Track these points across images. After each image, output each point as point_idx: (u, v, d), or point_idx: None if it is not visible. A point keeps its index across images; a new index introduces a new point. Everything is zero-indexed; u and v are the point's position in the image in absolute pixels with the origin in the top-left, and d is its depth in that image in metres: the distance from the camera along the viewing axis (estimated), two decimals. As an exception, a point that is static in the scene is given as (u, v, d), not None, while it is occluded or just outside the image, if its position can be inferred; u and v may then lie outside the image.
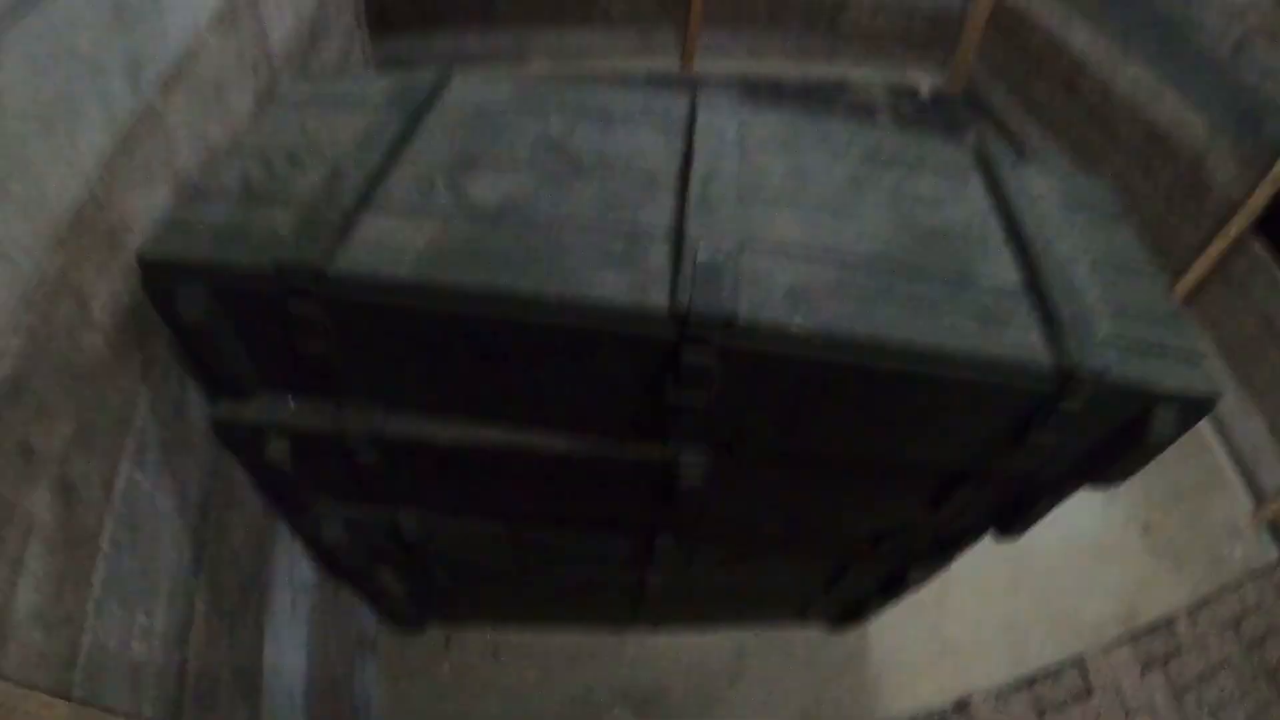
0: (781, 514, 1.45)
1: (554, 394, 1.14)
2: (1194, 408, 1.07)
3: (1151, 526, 2.71)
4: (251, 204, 1.07)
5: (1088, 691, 2.33)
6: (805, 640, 2.37)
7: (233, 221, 1.04)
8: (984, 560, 1.82)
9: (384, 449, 1.24)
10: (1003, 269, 1.15)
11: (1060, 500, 1.37)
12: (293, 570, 1.55)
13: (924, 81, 4.33)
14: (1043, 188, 1.33)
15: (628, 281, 0.97)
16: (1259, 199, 2.52)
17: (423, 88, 1.30)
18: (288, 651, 1.48)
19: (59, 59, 0.89)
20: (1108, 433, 1.12)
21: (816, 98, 4.12)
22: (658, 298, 0.95)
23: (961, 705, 2.28)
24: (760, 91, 4.06)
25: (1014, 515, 1.42)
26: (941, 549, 1.75)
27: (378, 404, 1.22)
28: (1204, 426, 2.88)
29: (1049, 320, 1.06)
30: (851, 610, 2.21)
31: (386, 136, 1.17)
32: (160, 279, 1.00)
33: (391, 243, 1.02)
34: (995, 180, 1.28)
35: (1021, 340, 1.05)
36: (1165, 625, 2.47)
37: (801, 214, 1.14)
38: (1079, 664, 2.38)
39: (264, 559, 1.43)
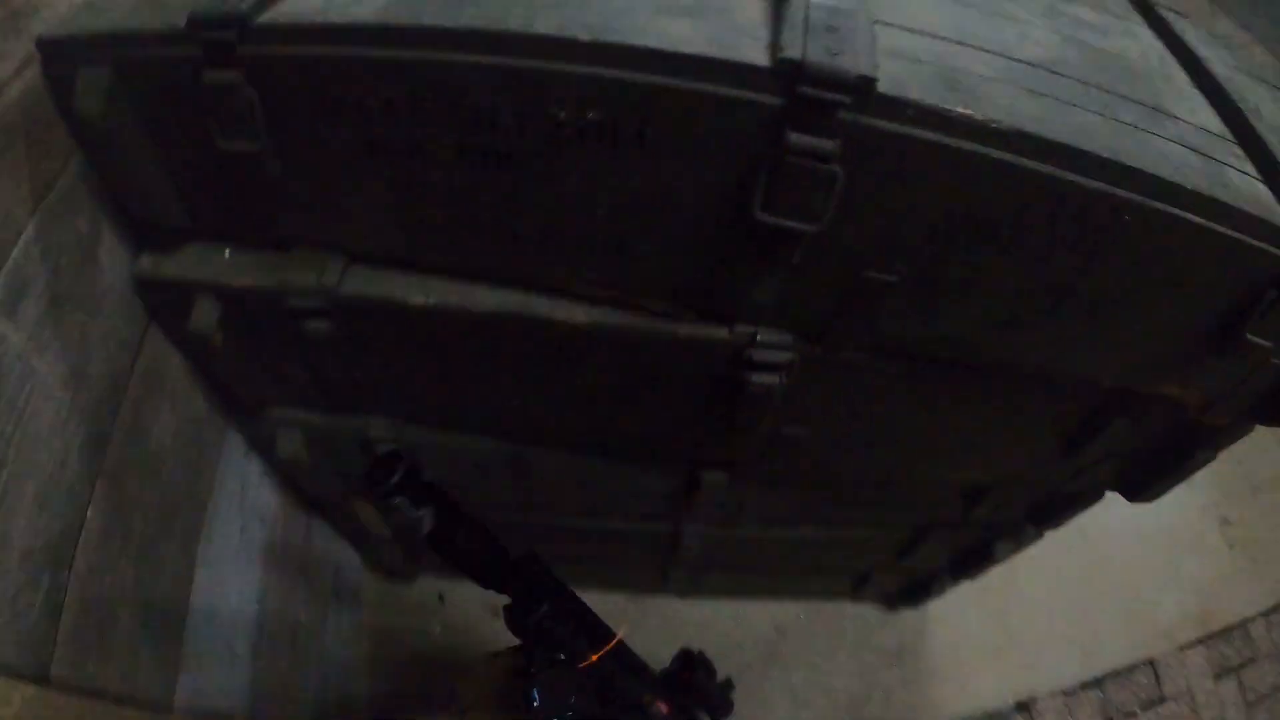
0: (874, 449, 1.10)
1: (575, 231, 0.81)
2: None
3: (1230, 520, 2.43)
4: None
5: (1160, 698, 2.09)
6: (856, 620, 2.05)
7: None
8: (1054, 543, 1.56)
9: (341, 319, 0.92)
10: (1200, 111, 0.83)
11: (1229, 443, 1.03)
12: (245, 493, 1.24)
13: None
14: (1218, 48, 1.00)
15: (705, 32, 0.64)
16: None
17: None
18: (230, 591, 1.17)
19: None
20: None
21: None
22: (751, 52, 0.62)
23: (1025, 706, 2.01)
24: None
25: (1166, 463, 1.08)
26: (1044, 514, 1.41)
27: (330, 250, 0.91)
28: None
29: (1275, 176, 0.75)
30: (915, 589, 1.89)
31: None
32: (60, 64, 0.77)
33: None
34: (1164, 27, 0.96)
35: (1252, 192, 0.73)
36: (1241, 630, 2.22)
37: (944, 5, 0.81)
38: (1151, 667, 2.12)
39: (201, 472, 1.12)
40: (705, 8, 0.68)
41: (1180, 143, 0.74)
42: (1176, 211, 0.67)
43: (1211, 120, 0.82)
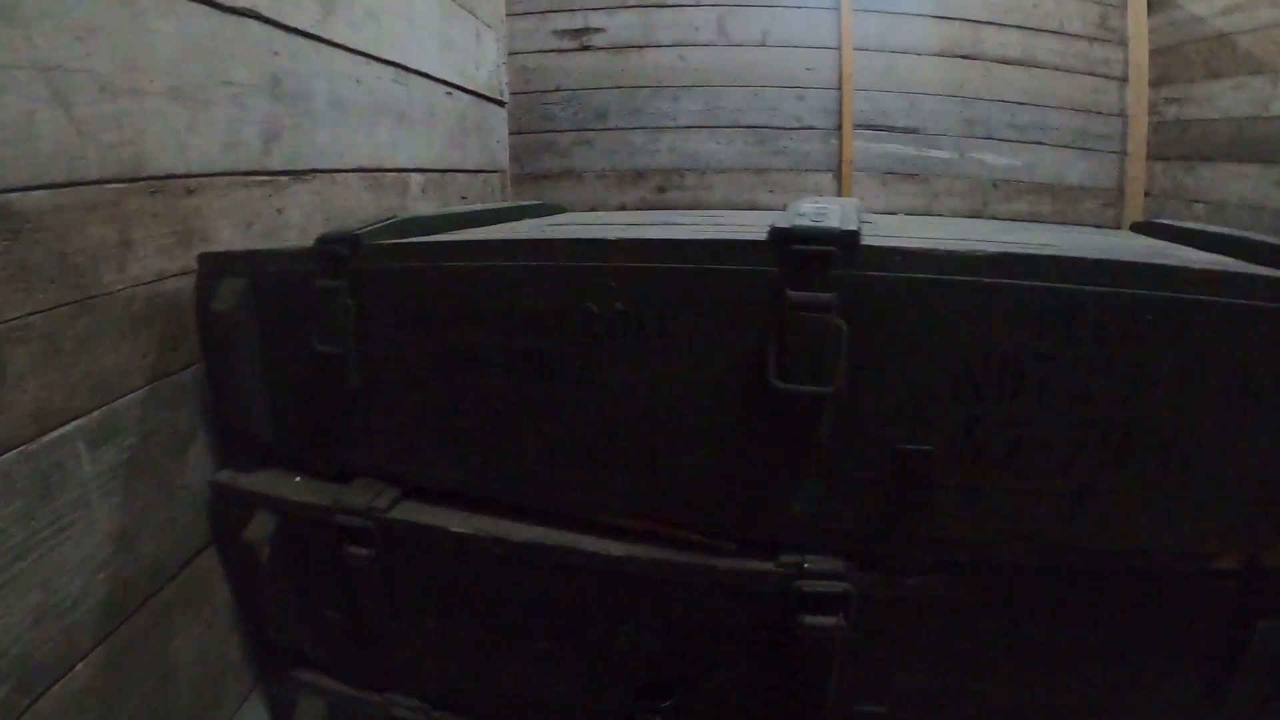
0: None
1: (608, 442, 0.83)
2: None
3: None
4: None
5: None
6: None
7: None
8: None
9: (383, 547, 0.93)
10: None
11: None
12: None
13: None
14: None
15: (712, 232, 0.77)
16: None
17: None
18: None
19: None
20: None
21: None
22: (751, 236, 0.73)
23: None
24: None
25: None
26: None
27: (388, 483, 0.97)
28: None
29: None
30: None
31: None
32: (210, 275, 0.97)
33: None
34: (1172, 231, 1.03)
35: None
36: None
37: (944, 232, 0.93)
38: None
39: (210, 715, 1.02)
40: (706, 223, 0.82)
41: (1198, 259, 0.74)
42: (1202, 297, 0.63)
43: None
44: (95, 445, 0.85)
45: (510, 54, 2.57)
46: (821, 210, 0.76)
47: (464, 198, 2.08)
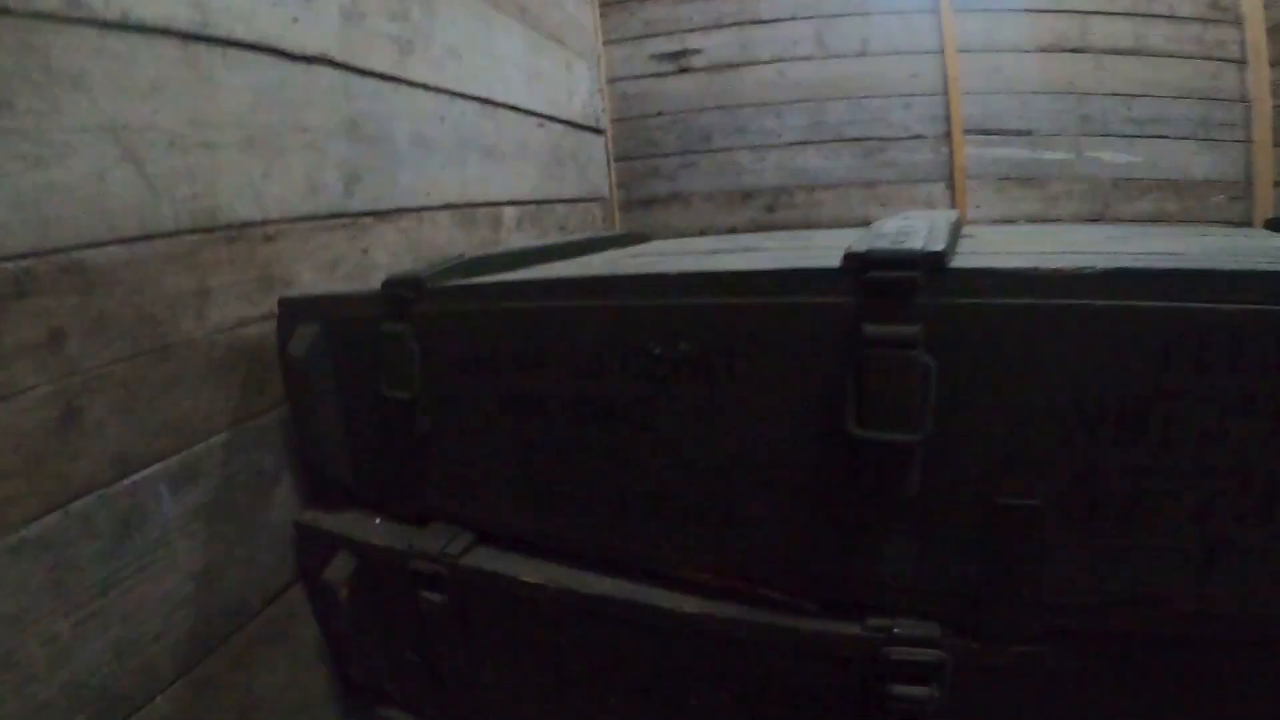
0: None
1: (680, 491, 0.77)
2: None
3: None
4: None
5: None
6: None
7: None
8: None
9: (457, 593, 0.90)
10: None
11: None
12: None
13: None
14: None
15: (780, 260, 0.68)
16: None
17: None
18: None
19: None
20: None
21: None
22: (823, 262, 0.64)
23: None
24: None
25: None
26: None
27: (462, 529, 0.94)
28: None
29: None
30: None
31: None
32: (288, 319, 0.99)
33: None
34: None
35: None
36: None
37: (1047, 242, 0.79)
38: None
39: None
40: (791, 246, 0.73)
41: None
42: None
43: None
44: (177, 487, 0.87)
45: (610, 81, 2.58)
46: (906, 228, 0.66)
47: (563, 228, 2.08)
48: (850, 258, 0.62)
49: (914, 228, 0.68)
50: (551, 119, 1.99)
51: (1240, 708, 0.63)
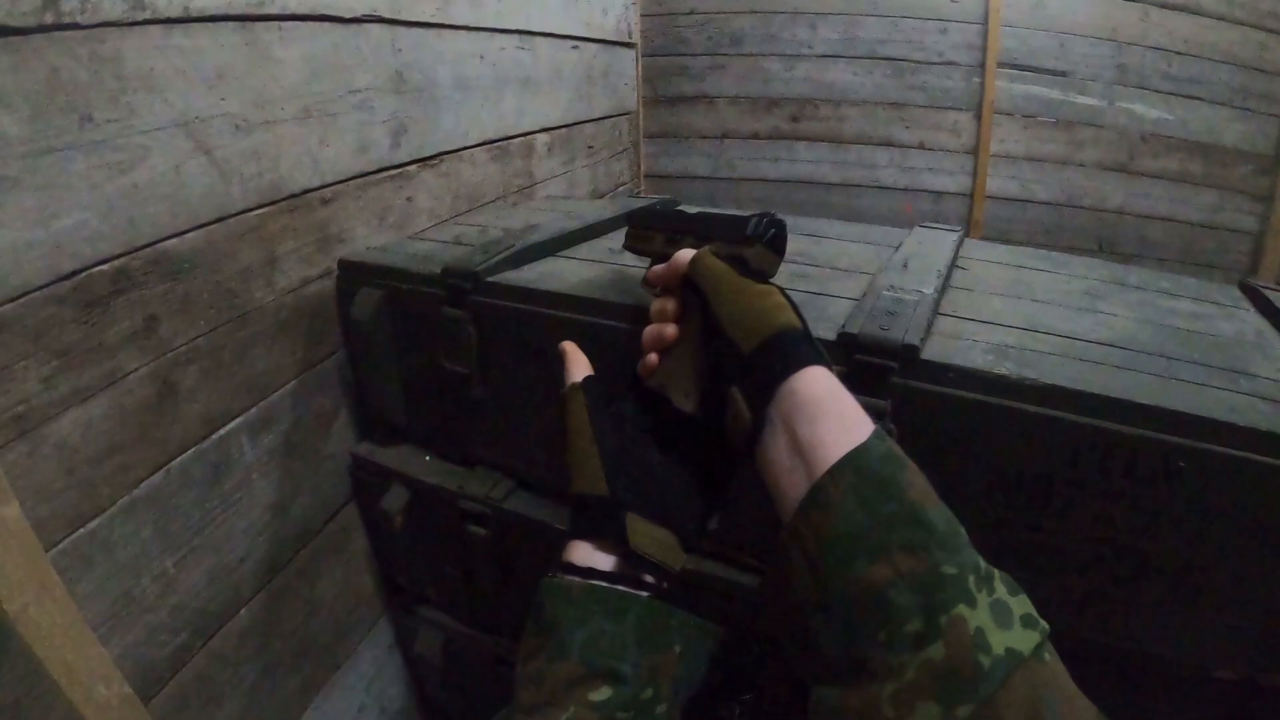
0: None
1: None
2: None
3: None
4: (448, 247, 1.06)
5: None
6: None
7: (426, 253, 1.03)
8: None
9: (497, 529, 1.00)
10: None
11: None
12: (376, 679, 1.28)
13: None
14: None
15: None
16: None
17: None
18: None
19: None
20: None
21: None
22: (824, 331, 0.69)
23: None
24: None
25: None
26: None
27: (504, 475, 1.04)
28: None
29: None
30: None
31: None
32: (349, 280, 1.03)
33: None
34: (1274, 309, 0.87)
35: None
36: None
37: (1022, 303, 0.82)
38: None
39: (345, 637, 1.19)
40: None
41: (1253, 394, 0.64)
42: (1236, 453, 0.58)
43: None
44: (255, 435, 0.96)
45: (644, -27, 2.43)
46: (899, 297, 0.69)
47: (590, 147, 2.05)
48: (844, 336, 0.68)
49: (906, 299, 0.73)
50: (586, 40, 1.91)
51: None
